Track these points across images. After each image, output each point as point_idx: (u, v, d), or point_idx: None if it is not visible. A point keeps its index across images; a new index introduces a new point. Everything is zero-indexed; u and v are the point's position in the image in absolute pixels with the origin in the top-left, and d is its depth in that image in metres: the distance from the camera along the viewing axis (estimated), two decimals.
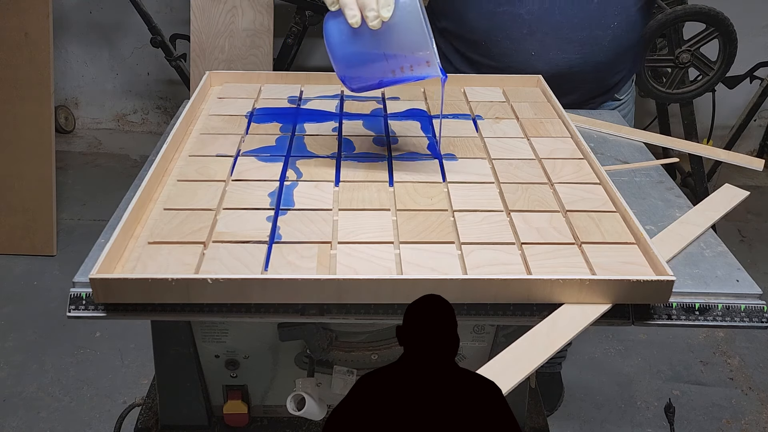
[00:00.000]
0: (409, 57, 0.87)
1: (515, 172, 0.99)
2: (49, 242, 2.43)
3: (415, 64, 0.88)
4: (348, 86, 0.92)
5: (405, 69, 0.88)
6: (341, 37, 0.87)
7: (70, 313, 0.76)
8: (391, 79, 0.90)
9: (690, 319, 0.79)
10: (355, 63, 0.88)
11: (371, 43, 0.86)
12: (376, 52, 0.87)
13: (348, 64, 0.89)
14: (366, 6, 0.83)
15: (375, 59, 0.87)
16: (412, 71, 0.88)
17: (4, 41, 2.32)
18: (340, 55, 0.88)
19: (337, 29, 0.87)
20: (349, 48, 0.87)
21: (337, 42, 0.87)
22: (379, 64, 0.88)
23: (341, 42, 0.87)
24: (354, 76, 0.90)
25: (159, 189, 0.92)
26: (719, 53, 2.13)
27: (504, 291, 0.74)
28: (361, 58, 0.88)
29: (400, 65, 0.88)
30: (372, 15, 0.83)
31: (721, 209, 0.97)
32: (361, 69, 0.89)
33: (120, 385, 1.95)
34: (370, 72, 0.89)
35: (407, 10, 0.84)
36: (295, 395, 0.96)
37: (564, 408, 1.93)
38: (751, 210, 2.88)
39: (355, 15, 0.83)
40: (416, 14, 0.84)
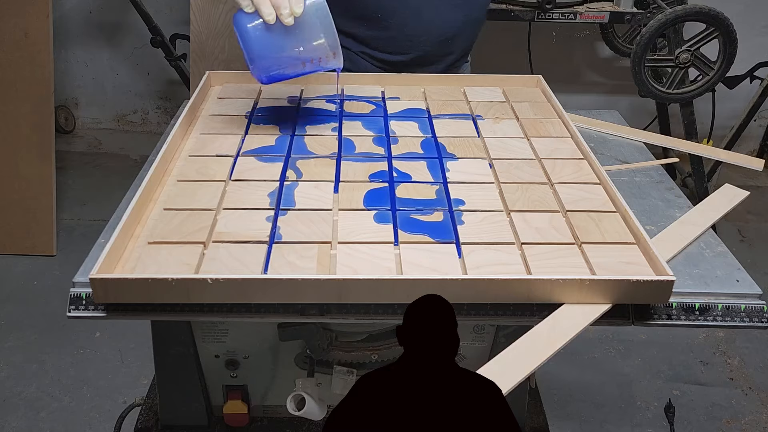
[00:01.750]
0: (318, 49, 0.97)
1: (515, 172, 0.99)
2: (49, 242, 2.43)
3: (323, 55, 0.98)
4: (261, 78, 1.00)
5: (314, 61, 0.99)
6: (256, 33, 0.95)
7: (70, 313, 0.76)
8: (301, 70, 1.00)
9: (690, 319, 0.79)
10: (271, 57, 0.97)
11: (285, 38, 0.95)
12: (290, 46, 0.96)
13: (264, 58, 0.97)
14: (280, 4, 0.92)
15: (289, 52, 0.97)
16: (320, 62, 0.99)
17: (4, 41, 2.32)
18: (257, 51, 0.96)
19: (252, 27, 0.95)
20: (265, 43, 0.96)
21: (254, 38, 0.95)
22: (292, 56, 0.97)
23: (257, 38, 0.95)
24: (269, 69, 0.98)
25: (159, 189, 0.92)
26: (719, 53, 2.13)
27: (504, 291, 0.74)
28: (276, 52, 0.97)
29: (310, 58, 0.98)
30: (286, 12, 0.92)
31: (721, 209, 0.97)
32: (276, 62, 0.98)
33: (120, 385, 1.94)
34: (283, 64, 0.98)
35: (316, 7, 0.95)
36: (295, 395, 0.96)
37: (564, 408, 1.93)
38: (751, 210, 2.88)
39: (270, 13, 0.93)
40: (324, 10, 0.96)
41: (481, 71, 1.31)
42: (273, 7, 0.93)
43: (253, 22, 0.95)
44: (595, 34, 2.79)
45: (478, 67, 1.44)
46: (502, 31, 2.80)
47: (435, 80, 1.28)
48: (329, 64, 1.01)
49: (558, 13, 2.26)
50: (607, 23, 2.40)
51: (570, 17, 2.27)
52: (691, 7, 2.05)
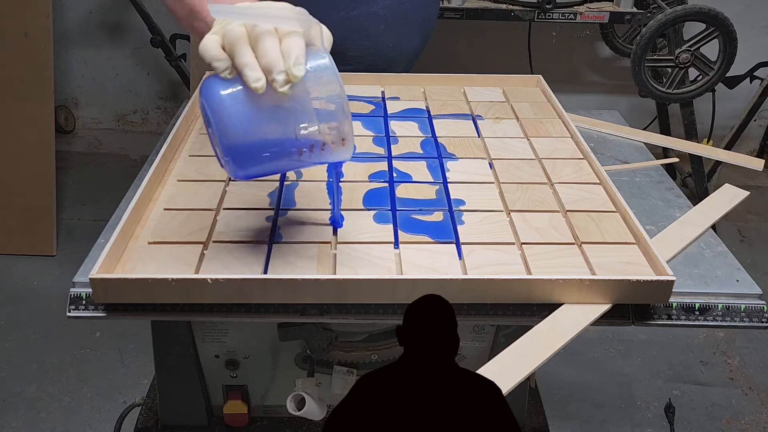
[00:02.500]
0: (325, 133, 0.68)
1: (515, 172, 0.99)
2: (49, 242, 2.43)
3: (330, 141, 0.69)
4: (236, 173, 0.69)
5: (315, 148, 0.69)
6: (237, 107, 0.65)
7: (70, 313, 0.76)
8: (296, 162, 0.70)
9: (690, 319, 0.79)
10: (257, 141, 0.67)
11: (279, 116, 0.67)
12: (284, 126, 0.67)
13: (247, 143, 0.66)
14: (273, 66, 0.63)
15: (283, 135, 0.67)
16: (323, 151, 0.69)
17: (4, 41, 2.32)
18: (234, 133, 0.66)
19: (231, 98, 0.66)
20: (250, 123, 0.66)
21: (234, 115, 0.65)
22: (286, 142, 0.68)
23: (238, 115, 0.66)
24: (249, 159, 0.68)
25: (159, 189, 0.92)
26: (719, 53, 2.13)
27: (504, 291, 0.74)
28: (265, 135, 0.67)
29: (311, 143, 0.68)
30: (281, 78, 0.63)
31: (721, 209, 0.97)
32: (263, 149, 0.68)
33: (120, 385, 1.94)
34: (273, 153, 0.68)
35: (323, 72, 0.67)
36: (295, 395, 0.96)
37: (564, 408, 1.93)
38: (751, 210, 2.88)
39: (259, 78, 0.64)
40: (332, 75, 0.67)
41: (481, 71, 1.31)
42: (262, 71, 0.64)
43: (231, 89, 0.66)
44: (595, 34, 2.79)
45: (478, 67, 1.44)
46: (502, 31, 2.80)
47: (435, 80, 1.28)
48: (335, 154, 0.71)
49: (558, 13, 2.26)
50: (607, 23, 2.40)
51: (570, 17, 2.27)
52: (691, 7, 2.05)
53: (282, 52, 0.64)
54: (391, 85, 1.27)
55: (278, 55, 0.64)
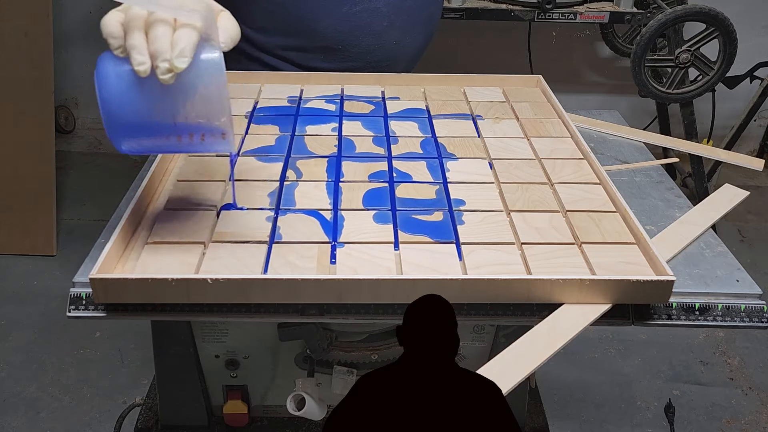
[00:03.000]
0: (203, 125, 0.71)
1: (515, 172, 0.99)
2: (49, 242, 2.43)
3: (208, 133, 0.72)
4: (120, 146, 0.72)
5: (195, 137, 0.72)
6: (121, 86, 0.69)
7: (70, 313, 0.76)
8: (175, 146, 0.73)
9: (690, 319, 0.79)
10: (135, 121, 0.70)
11: (159, 101, 0.69)
12: (162, 112, 0.70)
13: (125, 120, 0.70)
14: (159, 53, 0.65)
15: (160, 120, 0.70)
16: (203, 141, 0.72)
17: (4, 41, 2.32)
18: (116, 109, 0.69)
19: (116, 76, 0.69)
20: (130, 102, 0.69)
21: (115, 92, 0.69)
22: (163, 126, 0.70)
23: (120, 93, 0.69)
24: (130, 136, 0.71)
25: (159, 189, 0.92)
26: (719, 53, 2.13)
27: (504, 291, 0.74)
28: (142, 116, 0.70)
29: (189, 132, 0.71)
30: (164, 66, 0.66)
31: (721, 209, 0.97)
32: (140, 129, 0.71)
33: (120, 385, 1.95)
34: (150, 134, 0.71)
35: (209, 68, 0.69)
36: (295, 395, 0.96)
37: (564, 408, 1.93)
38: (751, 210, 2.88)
39: (143, 62, 0.66)
40: (219, 74, 0.69)
41: (481, 71, 1.31)
42: (149, 56, 0.66)
43: (119, 68, 0.69)
44: (595, 34, 2.79)
45: (478, 67, 1.44)
46: (502, 31, 2.80)
47: (435, 80, 1.28)
48: (215, 145, 0.73)
49: (558, 13, 2.26)
50: (607, 23, 2.40)
51: (570, 17, 2.27)
52: (691, 7, 2.05)
53: (172, 41, 0.66)
54: (391, 85, 1.27)
55: (167, 43, 0.66)
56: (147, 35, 0.67)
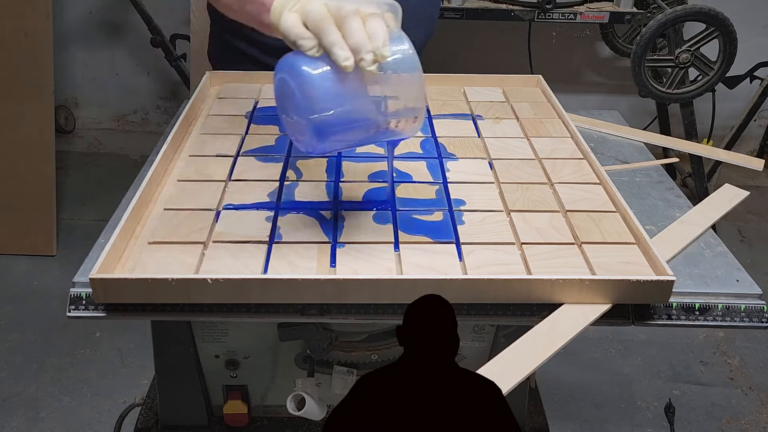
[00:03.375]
0: (401, 111, 0.73)
1: (515, 172, 0.99)
2: (49, 242, 2.43)
3: (404, 117, 0.74)
4: (314, 145, 0.73)
5: (392, 123, 0.74)
6: (326, 85, 0.70)
7: (70, 313, 0.76)
8: (371, 137, 0.75)
9: (690, 319, 0.79)
10: (342, 118, 0.71)
11: (364, 93, 0.71)
12: (366, 104, 0.72)
13: (333, 119, 0.71)
14: (360, 47, 0.68)
15: (363, 113, 0.72)
16: (396, 127, 0.74)
17: (4, 41, 2.31)
18: (325, 109, 0.70)
19: (320, 78, 0.70)
20: (337, 99, 0.70)
21: (322, 93, 0.70)
22: (366, 119, 0.73)
23: (326, 92, 0.70)
24: (335, 133, 0.72)
25: (159, 189, 0.92)
26: (719, 53, 2.13)
27: (504, 291, 0.74)
28: (348, 112, 0.71)
29: (389, 118, 0.74)
30: (369, 58, 0.68)
31: (721, 209, 0.97)
32: (346, 125, 0.72)
33: (120, 385, 1.94)
34: (354, 127, 0.73)
35: (405, 54, 0.72)
36: (295, 395, 0.96)
37: (564, 408, 1.93)
38: (751, 210, 2.88)
39: (348, 57, 0.68)
40: (414, 58, 0.72)
41: (481, 71, 1.31)
42: (351, 51, 0.68)
43: (320, 69, 0.70)
44: (595, 34, 2.79)
45: (478, 67, 1.44)
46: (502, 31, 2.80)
47: (435, 80, 1.28)
48: (407, 131, 0.75)
49: (558, 13, 2.26)
50: (607, 23, 2.40)
51: (570, 17, 2.27)
52: (691, 7, 2.05)
53: (368, 33, 0.68)
54: None
55: (365, 35, 0.68)
56: (340, 31, 0.68)
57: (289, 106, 0.74)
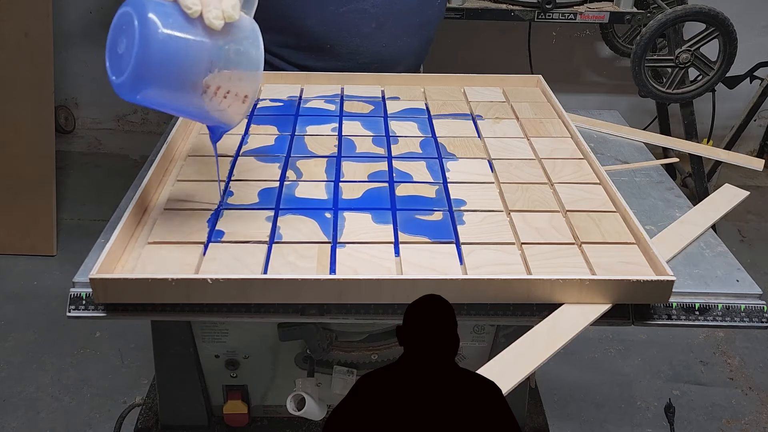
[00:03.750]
0: (233, 82, 0.73)
1: (515, 172, 0.99)
2: (49, 242, 2.43)
3: (233, 91, 0.74)
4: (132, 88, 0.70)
5: (219, 94, 0.73)
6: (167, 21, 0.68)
7: (70, 313, 0.76)
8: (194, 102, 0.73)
9: (690, 319, 0.79)
10: (169, 59, 0.69)
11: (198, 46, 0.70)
12: (199, 57, 0.70)
13: (159, 57, 0.68)
14: (208, 2, 0.70)
15: (193, 64, 0.70)
16: (224, 99, 0.74)
17: (4, 41, 2.32)
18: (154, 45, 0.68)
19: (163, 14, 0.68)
20: (171, 40, 0.68)
21: (157, 28, 0.68)
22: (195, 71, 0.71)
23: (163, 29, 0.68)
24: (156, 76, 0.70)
25: (159, 189, 0.92)
26: (719, 53, 2.13)
27: (504, 291, 0.74)
28: (178, 58, 0.69)
29: (217, 85, 0.72)
30: (216, 12, 0.69)
31: (721, 209, 0.97)
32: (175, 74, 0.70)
33: (120, 385, 1.94)
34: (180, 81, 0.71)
35: (252, 26, 0.74)
36: (295, 395, 0.96)
37: (564, 408, 1.93)
38: (751, 210, 2.88)
39: (195, 3, 0.69)
40: (256, 35, 0.74)
41: (481, 71, 1.31)
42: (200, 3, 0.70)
43: (165, 8, 0.69)
44: (595, 34, 2.79)
45: (478, 67, 1.44)
46: (502, 31, 2.80)
47: (435, 80, 1.28)
48: (233, 107, 0.75)
49: (558, 13, 2.26)
50: (607, 23, 2.40)
51: (570, 17, 2.27)
52: (691, 7, 2.05)
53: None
54: (391, 85, 1.27)
55: None
56: None
57: (123, 38, 0.70)
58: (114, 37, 0.72)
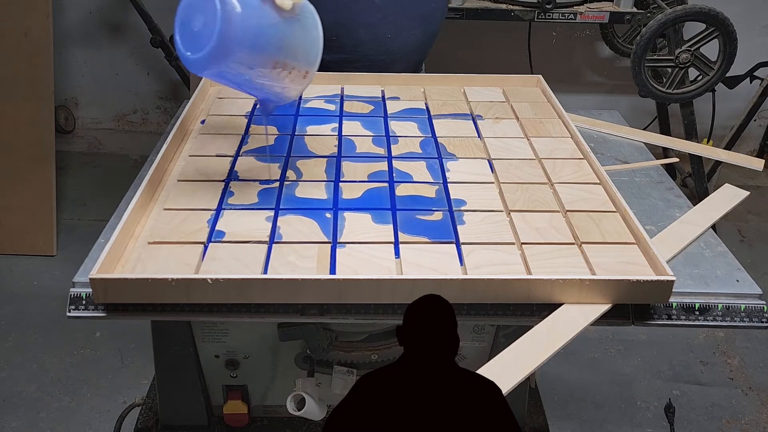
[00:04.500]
0: (299, 59, 0.79)
1: (515, 172, 0.99)
2: (49, 242, 2.43)
3: (298, 67, 0.80)
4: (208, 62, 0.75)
5: (287, 68, 0.79)
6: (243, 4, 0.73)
7: (70, 313, 0.76)
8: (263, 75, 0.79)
9: (690, 319, 0.79)
10: (249, 40, 0.74)
11: (274, 27, 0.76)
12: (273, 37, 0.76)
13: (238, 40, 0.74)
14: None
15: (268, 46, 0.76)
16: (290, 74, 0.80)
17: (4, 41, 2.31)
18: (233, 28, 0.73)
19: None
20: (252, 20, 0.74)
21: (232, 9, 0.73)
22: (269, 51, 0.77)
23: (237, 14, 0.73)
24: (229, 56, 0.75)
25: (159, 189, 0.92)
26: (719, 53, 2.13)
27: (504, 291, 0.74)
28: (258, 37, 0.75)
29: (285, 60, 0.79)
30: None
31: (721, 209, 0.97)
32: (251, 48, 0.75)
33: (120, 385, 1.94)
34: (250, 60, 0.76)
35: (312, 10, 0.80)
36: (295, 395, 0.96)
37: (564, 408, 1.93)
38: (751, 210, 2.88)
39: None
40: (316, 17, 0.81)
41: (481, 71, 1.31)
42: None
43: None
44: (595, 34, 2.79)
45: (478, 67, 1.44)
46: (502, 31, 2.80)
47: (435, 80, 1.28)
48: (295, 83, 0.81)
49: (558, 13, 2.25)
50: (607, 23, 2.40)
51: (570, 17, 2.27)
52: (691, 7, 2.05)
53: None
54: (391, 85, 1.27)
55: None
56: None
57: (199, 16, 0.75)
58: (187, 15, 0.77)
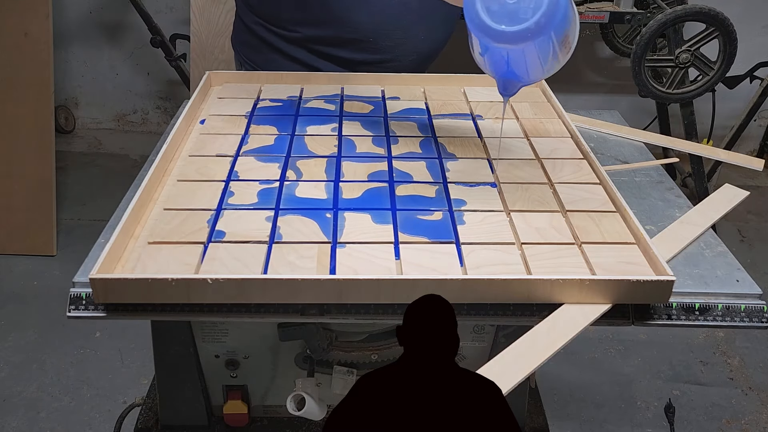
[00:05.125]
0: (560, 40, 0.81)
1: (515, 172, 0.99)
2: (49, 242, 2.43)
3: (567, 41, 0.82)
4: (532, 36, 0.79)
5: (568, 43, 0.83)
6: None
7: (70, 313, 0.76)
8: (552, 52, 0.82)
9: (690, 319, 0.79)
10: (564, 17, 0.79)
11: None
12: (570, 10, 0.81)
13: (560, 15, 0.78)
14: None
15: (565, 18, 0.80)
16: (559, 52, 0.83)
17: (4, 41, 2.32)
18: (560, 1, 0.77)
19: None
20: None
21: None
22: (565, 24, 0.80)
23: None
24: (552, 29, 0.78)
25: (159, 189, 0.92)
26: (719, 53, 2.13)
27: (504, 291, 0.74)
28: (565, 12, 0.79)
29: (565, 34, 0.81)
30: None
31: (721, 209, 0.97)
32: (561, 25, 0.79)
33: (120, 385, 1.94)
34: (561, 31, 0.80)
35: None
36: (295, 395, 0.96)
37: (564, 408, 1.93)
38: (751, 210, 2.88)
39: None
40: None
41: (481, 71, 1.30)
42: None
43: None
44: (595, 34, 2.79)
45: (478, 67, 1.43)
46: None
47: (435, 80, 1.28)
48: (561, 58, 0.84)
49: None
50: (607, 23, 2.40)
51: None
52: (691, 7, 2.05)
53: None
54: (391, 85, 1.27)
55: None
56: None
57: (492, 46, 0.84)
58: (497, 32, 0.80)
